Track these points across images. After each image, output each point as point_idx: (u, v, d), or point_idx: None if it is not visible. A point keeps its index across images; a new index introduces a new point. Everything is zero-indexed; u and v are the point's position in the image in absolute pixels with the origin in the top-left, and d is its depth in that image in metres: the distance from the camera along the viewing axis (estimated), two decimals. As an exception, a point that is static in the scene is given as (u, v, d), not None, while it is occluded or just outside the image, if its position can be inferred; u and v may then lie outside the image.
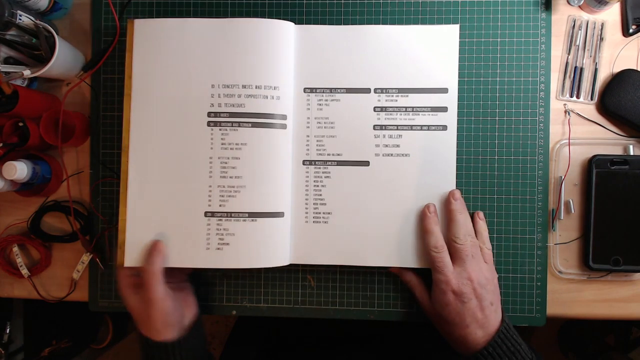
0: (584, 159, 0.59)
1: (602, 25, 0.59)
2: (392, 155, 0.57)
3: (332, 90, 0.58)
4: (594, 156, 0.58)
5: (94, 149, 0.62)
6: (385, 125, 0.57)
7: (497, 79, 0.59)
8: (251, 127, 0.55)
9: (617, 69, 0.59)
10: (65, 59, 0.57)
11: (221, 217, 0.55)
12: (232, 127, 0.55)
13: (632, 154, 0.59)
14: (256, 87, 0.55)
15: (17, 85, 0.56)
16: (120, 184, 0.56)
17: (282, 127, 0.56)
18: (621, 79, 0.58)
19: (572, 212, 0.60)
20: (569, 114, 0.60)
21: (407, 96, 0.57)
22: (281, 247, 0.56)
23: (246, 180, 0.55)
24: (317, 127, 0.58)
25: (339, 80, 0.58)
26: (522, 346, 0.51)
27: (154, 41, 0.56)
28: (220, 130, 0.55)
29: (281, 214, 0.56)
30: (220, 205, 0.55)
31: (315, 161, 0.58)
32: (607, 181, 0.58)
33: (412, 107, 0.57)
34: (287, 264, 0.57)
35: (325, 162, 0.58)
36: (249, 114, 0.55)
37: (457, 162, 0.57)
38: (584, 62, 0.60)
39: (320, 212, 0.57)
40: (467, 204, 0.58)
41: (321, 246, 0.57)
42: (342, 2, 0.61)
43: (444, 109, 0.57)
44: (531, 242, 0.59)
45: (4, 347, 0.89)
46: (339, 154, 0.58)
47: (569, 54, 0.60)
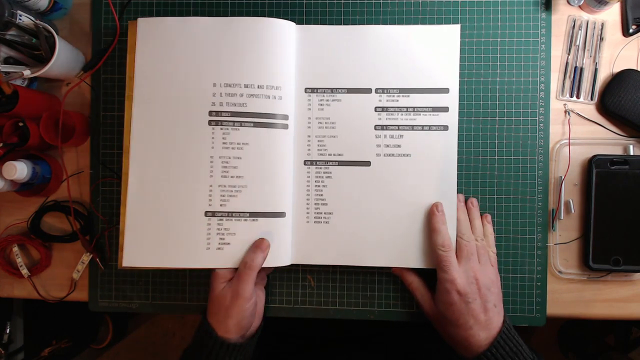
0: (584, 159, 0.60)
1: (602, 25, 0.59)
2: (393, 155, 0.57)
3: (333, 90, 0.58)
4: (594, 156, 0.58)
5: (94, 149, 0.62)
6: (386, 125, 0.57)
7: (497, 79, 0.59)
8: (253, 126, 0.55)
9: (617, 69, 0.59)
10: (65, 59, 0.57)
11: (222, 216, 0.55)
12: (234, 126, 0.55)
13: (632, 154, 0.59)
14: (258, 87, 0.55)
15: (17, 85, 0.56)
16: (121, 185, 0.56)
17: (284, 127, 0.56)
18: (621, 79, 0.58)
19: (572, 212, 0.60)
20: (569, 114, 0.60)
21: (408, 96, 0.57)
22: (282, 247, 0.56)
23: (247, 180, 0.55)
24: (318, 127, 0.58)
25: (340, 80, 0.58)
26: (524, 347, 0.51)
27: (157, 39, 0.56)
28: (221, 129, 0.55)
29: (282, 214, 0.56)
30: (221, 205, 0.55)
31: (316, 161, 0.58)
32: (607, 181, 0.58)
33: (413, 107, 0.57)
34: (289, 264, 0.57)
35: (326, 162, 0.58)
36: (251, 114, 0.55)
37: (457, 162, 0.57)
38: (584, 62, 0.60)
39: (321, 212, 0.57)
40: (468, 204, 0.58)
41: (322, 246, 0.57)
42: (343, 2, 0.61)
43: (445, 109, 0.57)
44: (531, 242, 0.59)
45: (4, 347, 0.89)
46: (340, 154, 0.57)
47: (569, 54, 0.60)
